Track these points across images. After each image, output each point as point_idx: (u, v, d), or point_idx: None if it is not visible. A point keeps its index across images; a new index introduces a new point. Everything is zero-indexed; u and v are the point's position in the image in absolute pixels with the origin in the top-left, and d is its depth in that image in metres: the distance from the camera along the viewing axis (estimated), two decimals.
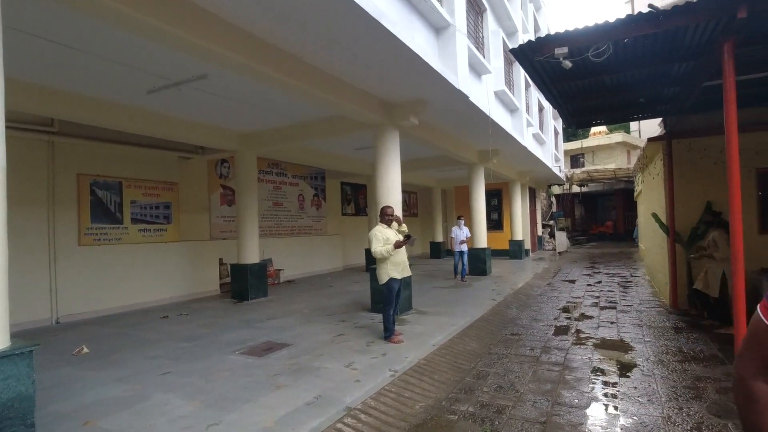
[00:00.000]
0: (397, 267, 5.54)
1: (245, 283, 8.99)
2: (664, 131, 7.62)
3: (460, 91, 6.75)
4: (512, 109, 10.89)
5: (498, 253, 16.21)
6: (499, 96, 9.66)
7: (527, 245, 18.08)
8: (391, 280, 5.50)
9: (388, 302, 5.55)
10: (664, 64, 4.92)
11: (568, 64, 4.42)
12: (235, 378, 4.38)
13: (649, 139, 7.98)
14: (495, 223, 18.14)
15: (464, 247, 10.91)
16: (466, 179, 13.13)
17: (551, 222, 21.81)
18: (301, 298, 9.10)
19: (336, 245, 14.87)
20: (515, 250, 16.52)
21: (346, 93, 6.30)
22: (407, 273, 5.71)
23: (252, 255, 9.25)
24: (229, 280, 10.00)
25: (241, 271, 9.10)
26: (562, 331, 6.36)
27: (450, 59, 6.63)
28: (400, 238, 5.58)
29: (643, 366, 4.78)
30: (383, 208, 5.78)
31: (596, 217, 28.64)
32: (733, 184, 3.91)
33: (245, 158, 9.25)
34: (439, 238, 18.91)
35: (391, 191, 7.24)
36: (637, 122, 25.23)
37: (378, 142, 7.38)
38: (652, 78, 5.45)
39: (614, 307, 7.86)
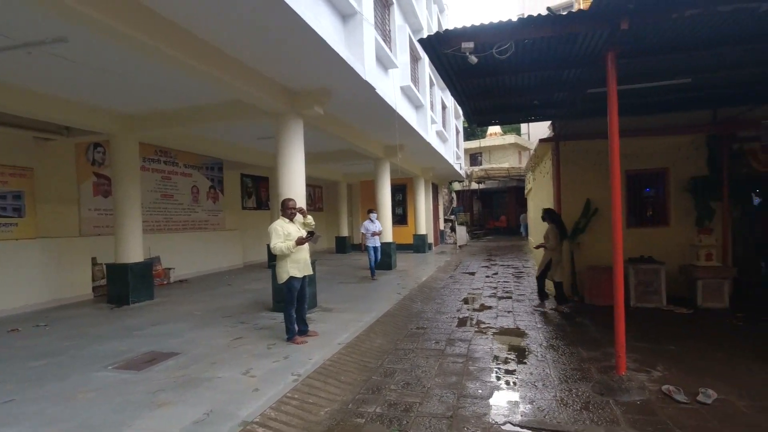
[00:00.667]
0: (297, 265, 5.18)
1: (125, 286, 7.88)
2: (553, 133, 8.29)
3: (366, 82, 6.58)
4: (417, 105, 11.08)
5: (403, 248, 16.55)
6: (405, 91, 9.72)
7: (430, 239, 18.77)
8: (291, 278, 5.13)
9: (289, 302, 5.18)
10: (557, 69, 5.24)
11: (474, 59, 4.47)
12: (105, 399, 3.70)
13: (540, 140, 8.63)
14: (400, 218, 18.52)
15: (377, 241, 10.64)
16: (372, 173, 13.12)
17: (452, 217, 22.98)
18: (195, 299, 8.26)
19: (235, 241, 13.90)
20: (419, 244, 17.03)
21: (245, 75, 5.75)
22: (309, 271, 5.36)
23: (134, 253, 8.14)
24: (104, 283, 8.69)
25: (119, 271, 7.95)
26: (464, 322, 6.56)
27: (357, 48, 6.42)
28: (304, 233, 5.23)
29: (538, 352, 5.08)
30: (284, 201, 5.38)
31: (492, 213, 30.91)
32: (614, 184, 4.24)
33: (124, 143, 8.07)
34: (345, 233, 18.78)
35: (294, 184, 6.83)
36: (527, 125, 27.67)
37: (280, 132, 6.91)
38: (546, 82, 5.80)
39: (510, 297, 8.38)
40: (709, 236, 6.99)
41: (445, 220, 22.57)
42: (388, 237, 12.29)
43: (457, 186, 25.37)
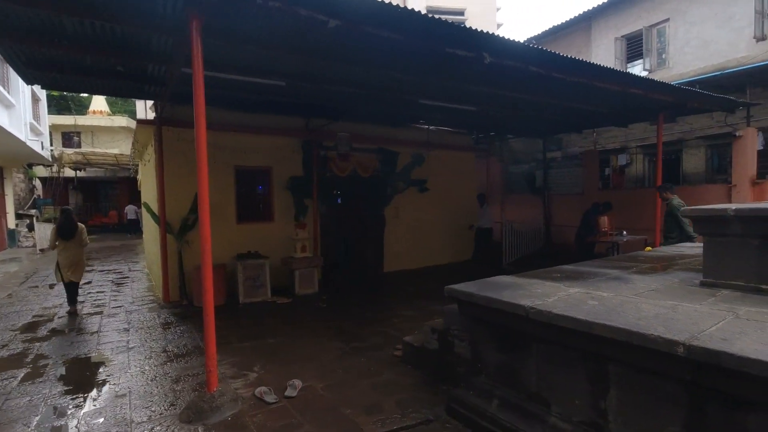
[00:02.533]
0: None
1: None
2: (155, 116, 7.18)
3: None
4: None
5: None
6: None
7: None
8: None
9: None
10: (142, 29, 4.18)
11: None
12: None
13: (139, 122, 7.34)
14: None
15: None
16: None
17: (33, 212, 17.32)
18: None
19: None
20: None
21: None
22: None
23: None
24: None
25: None
26: (13, 362, 4.52)
27: None
28: None
29: (119, 383, 3.97)
30: None
31: (99, 207, 25.72)
32: (201, 177, 3.55)
33: None
34: None
35: None
36: (144, 105, 24.42)
37: None
38: (132, 44, 4.66)
39: (101, 312, 6.66)
40: (304, 230, 7.88)
41: (21, 216, 16.76)
42: None
43: (42, 171, 19.43)
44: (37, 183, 20.66)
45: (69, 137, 23.26)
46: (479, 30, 4.22)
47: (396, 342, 4.94)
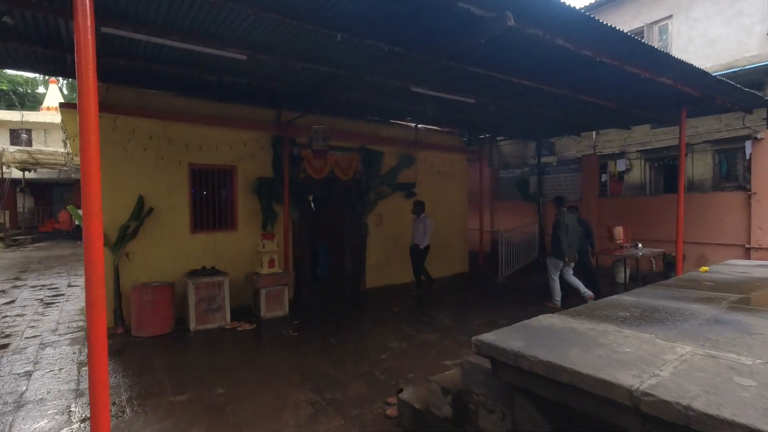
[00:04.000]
0: None
1: None
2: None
3: None
4: None
5: None
6: None
7: None
8: None
9: None
10: None
11: None
12: None
13: (62, 106, 5.94)
14: None
15: None
16: None
17: None
18: None
19: None
20: None
21: None
22: None
23: None
24: None
25: None
26: None
27: None
28: None
29: None
30: None
31: (51, 211, 23.58)
32: (88, 174, 2.35)
33: None
34: None
35: None
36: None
37: None
38: None
39: (6, 345, 5.23)
40: (272, 241, 6.61)
41: None
42: None
43: None
44: None
45: (17, 135, 21.19)
46: None
47: (386, 392, 3.76)
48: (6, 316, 6.64)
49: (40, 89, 28.47)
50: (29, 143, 20.94)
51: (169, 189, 6.40)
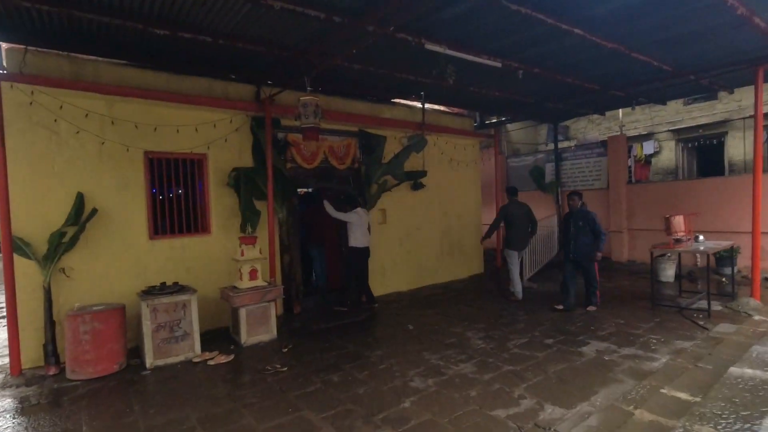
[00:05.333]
0: None
1: None
2: None
3: None
4: None
5: None
6: None
7: None
8: None
9: None
10: None
11: None
12: None
13: None
14: None
15: None
16: None
17: None
18: None
19: None
20: None
21: None
22: None
23: None
24: None
25: None
26: None
27: None
28: None
29: None
30: None
31: None
32: None
33: None
34: None
35: None
36: None
37: None
38: None
39: None
40: (254, 246, 5.26)
41: None
42: None
43: None
44: None
45: None
46: None
47: None
48: None
49: None
50: None
51: (119, 184, 5.02)
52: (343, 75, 5.92)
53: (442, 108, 8.72)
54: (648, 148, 10.32)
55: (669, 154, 10.21)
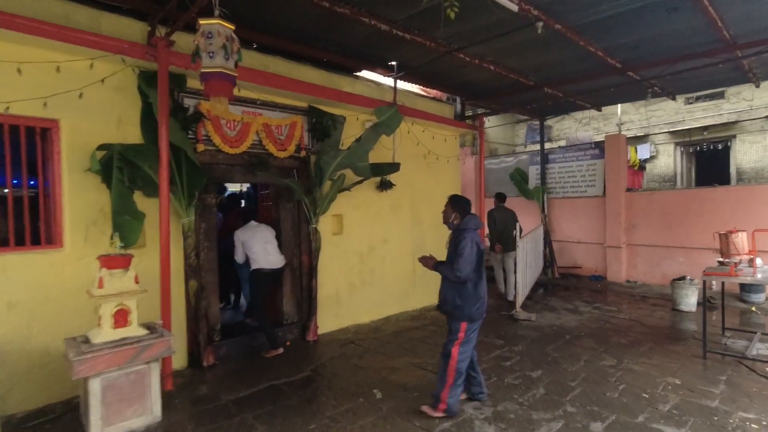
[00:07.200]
0: None
1: None
2: None
3: None
4: None
5: None
6: None
7: None
8: None
9: None
10: None
11: None
12: None
13: None
14: None
15: None
16: None
17: None
18: None
19: None
20: None
21: None
22: None
23: None
24: None
25: None
26: None
27: None
28: None
29: None
30: None
31: None
32: None
33: None
34: None
35: None
36: None
37: None
38: None
39: None
40: (124, 273, 3.18)
41: None
42: None
43: None
44: None
45: None
46: None
47: None
48: None
49: None
50: None
51: None
52: (283, 17, 3.99)
53: (417, 89, 6.96)
54: (643, 152, 9.13)
55: (667, 159, 9.06)
